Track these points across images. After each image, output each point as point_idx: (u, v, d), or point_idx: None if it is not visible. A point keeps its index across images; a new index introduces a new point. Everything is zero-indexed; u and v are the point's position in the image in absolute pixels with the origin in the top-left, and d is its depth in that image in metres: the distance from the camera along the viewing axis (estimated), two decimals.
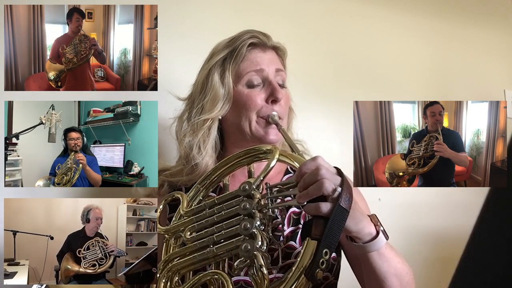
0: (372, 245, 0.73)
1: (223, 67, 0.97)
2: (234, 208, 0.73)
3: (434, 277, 1.50)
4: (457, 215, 1.58)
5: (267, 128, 0.95)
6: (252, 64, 0.97)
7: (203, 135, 0.96)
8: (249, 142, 0.96)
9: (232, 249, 0.70)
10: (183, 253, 0.76)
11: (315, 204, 0.66)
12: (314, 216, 0.67)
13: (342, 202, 0.65)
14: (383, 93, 1.64)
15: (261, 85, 0.97)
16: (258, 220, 0.69)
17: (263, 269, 0.66)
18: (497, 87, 1.86)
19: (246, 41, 0.97)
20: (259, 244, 0.67)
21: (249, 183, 0.73)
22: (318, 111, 1.53)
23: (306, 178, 0.68)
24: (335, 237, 0.64)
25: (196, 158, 0.95)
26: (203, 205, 0.78)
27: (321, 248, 0.63)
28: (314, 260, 0.62)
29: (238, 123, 0.96)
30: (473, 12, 1.86)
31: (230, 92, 0.96)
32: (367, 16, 1.68)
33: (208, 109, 0.96)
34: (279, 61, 1.02)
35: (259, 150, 0.80)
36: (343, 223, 0.65)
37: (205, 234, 0.74)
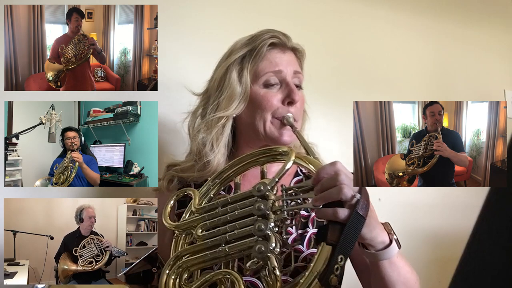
0: (384, 254, 0.73)
1: (242, 65, 0.96)
2: (248, 208, 0.72)
3: (434, 277, 1.50)
4: (457, 215, 1.58)
5: (281, 129, 0.94)
6: (271, 64, 0.96)
7: (216, 133, 0.96)
8: (262, 142, 0.96)
9: (244, 249, 0.70)
10: (194, 250, 0.75)
11: (333, 209, 0.66)
12: (329, 221, 0.67)
13: (360, 209, 0.65)
14: (383, 93, 1.65)
15: (278, 86, 0.96)
16: (272, 222, 0.69)
17: (276, 271, 0.66)
18: (497, 87, 1.86)
19: (267, 40, 0.96)
20: (272, 246, 0.67)
21: (264, 184, 0.73)
22: (318, 111, 1.53)
23: (324, 182, 0.69)
24: (351, 244, 0.64)
25: (209, 155, 0.94)
26: (215, 203, 0.77)
27: (337, 253, 0.63)
28: (329, 265, 0.62)
29: (253, 122, 0.95)
30: (473, 12, 1.86)
31: (247, 91, 0.95)
32: (367, 16, 1.68)
33: (223, 106, 0.96)
34: (297, 63, 1.01)
35: (275, 151, 0.80)
36: (359, 230, 0.65)
37: (217, 232, 0.73)
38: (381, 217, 0.78)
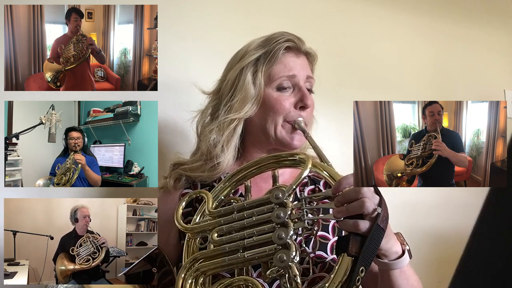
0: (397, 263, 0.74)
1: (256, 67, 0.96)
2: (266, 215, 0.72)
3: (434, 277, 1.50)
4: (457, 215, 1.58)
5: (292, 134, 0.95)
6: (285, 68, 0.96)
7: (228, 135, 0.95)
8: (271, 145, 0.96)
9: (263, 257, 0.70)
10: (212, 255, 0.74)
11: (354, 221, 0.67)
12: (350, 232, 0.68)
13: (380, 221, 0.66)
14: (383, 93, 1.64)
15: (291, 90, 0.96)
16: (292, 230, 0.69)
17: (298, 279, 0.67)
18: (497, 87, 1.86)
19: (283, 44, 0.96)
20: (293, 254, 0.67)
21: (283, 191, 0.72)
22: (318, 110, 1.53)
23: (345, 194, 0.70)
24: (372, 255, 0.66)
25: (220, 157, 0.94)
26: (231, 208, 0.76)
27: (359, 265, 0.64)
28: (352, 277, 0.64)
29: (264, 125, 0.95)
30: (473, 12, 1.86)
31: (261, 93, 0.95)
32: (367, 15, 1.68)
33: (236, 109, 0.95)
34: (309, 68, 1.01)
35: (291, 157, 0.80)
36: (379, 242, 0.67)
37: (235, 238, 0.73)
38: None
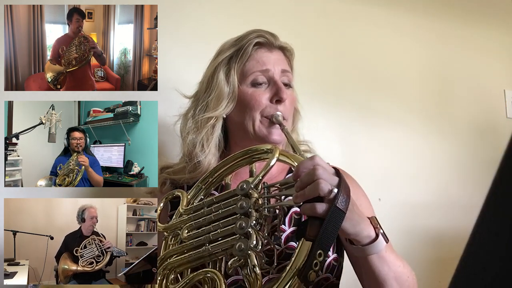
0: (371, 248, 0.73)
1: (229, 65, 0.97)
2: (232, 207, 0.72)
3: (434, 277, 1.50)
4: (457, 215, 1.58)
5: (270, 128, 0.94)
6: (258, 64, 0.96)
7: (206, 133, 0.96)
8: (252, 141, 0.95)
9: (227, 248, 0.70)
10: (180, 251, 0.76)
11: (311, 205, 0.65)
12: (309, 216, 0.66)
13: (339, 203, 0.64)
14: (383, 93, 1.65)
15: (266, 85, 0.96)
16: (254, 220, 0.68)
17: (256, 269, 0.66)
18: (497, 87, 1.86)
19: (253, 40, 0.96)
20: (253, 243, 0.66)
21: (247, 182, 0.73)
22: (318, 111, 1.53)
23: (303, 178, 0.67)
24: (330, 239, 0.63)
25: (199, 156, 0.94)
26: (201, 204, 0.78)
27: (315, 249, 0.62)
28: (308, 261, 0.61)
29: (242, 122, 0.96)
30: (473, 12, 1.86)
31: (235, 91, 0.96)
32: (367, 16, 1.68)
33: (212, 107, 0.96)
34: (285, 62, 1.01)
35: (258, 150, 0.80)
36: (338, 224, 0.64)
37: (201, 232, 0.74)
38: (381, 217, 0.78)
